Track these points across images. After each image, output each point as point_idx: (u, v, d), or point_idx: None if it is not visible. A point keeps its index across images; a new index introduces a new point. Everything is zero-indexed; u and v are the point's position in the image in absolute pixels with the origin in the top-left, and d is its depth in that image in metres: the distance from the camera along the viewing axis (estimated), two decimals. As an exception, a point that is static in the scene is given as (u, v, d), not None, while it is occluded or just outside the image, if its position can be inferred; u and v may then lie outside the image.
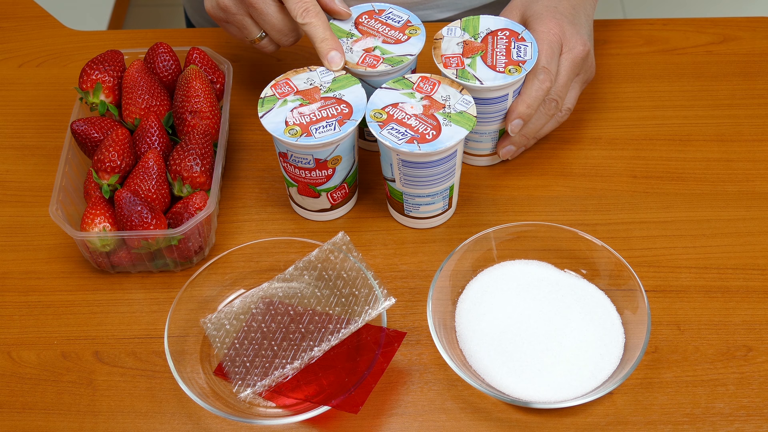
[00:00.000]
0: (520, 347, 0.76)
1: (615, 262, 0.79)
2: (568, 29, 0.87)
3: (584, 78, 0.91)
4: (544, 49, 0.85)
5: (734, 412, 0.74)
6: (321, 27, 0.84)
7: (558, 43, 0.86)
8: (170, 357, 0.75)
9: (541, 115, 0.87)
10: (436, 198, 0.84)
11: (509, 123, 0.86)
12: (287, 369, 0.75)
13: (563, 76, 0.87)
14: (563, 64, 0.87)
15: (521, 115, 0.85)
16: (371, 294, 0.77)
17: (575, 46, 0.87)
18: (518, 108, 0.85)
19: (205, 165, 0.84)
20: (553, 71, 0.85)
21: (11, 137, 0.97)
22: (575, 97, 0.90)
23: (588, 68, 0.90)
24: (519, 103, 0.85)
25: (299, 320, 0.78)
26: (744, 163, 0.91)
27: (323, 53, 0.84)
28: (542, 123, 0.88)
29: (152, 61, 0.92)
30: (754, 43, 1.02)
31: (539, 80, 0.85)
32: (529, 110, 0.85)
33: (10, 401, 0.77)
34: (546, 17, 0.87)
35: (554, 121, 0.89)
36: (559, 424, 0.74)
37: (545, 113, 0.87)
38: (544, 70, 0.85)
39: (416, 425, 0.75)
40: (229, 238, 0.87)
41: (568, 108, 0.89)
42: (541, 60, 0.85)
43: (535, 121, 0.88)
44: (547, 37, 0.86)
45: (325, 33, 0.84)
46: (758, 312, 0.80)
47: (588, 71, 0.91)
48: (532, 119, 0.87)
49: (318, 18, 0.84)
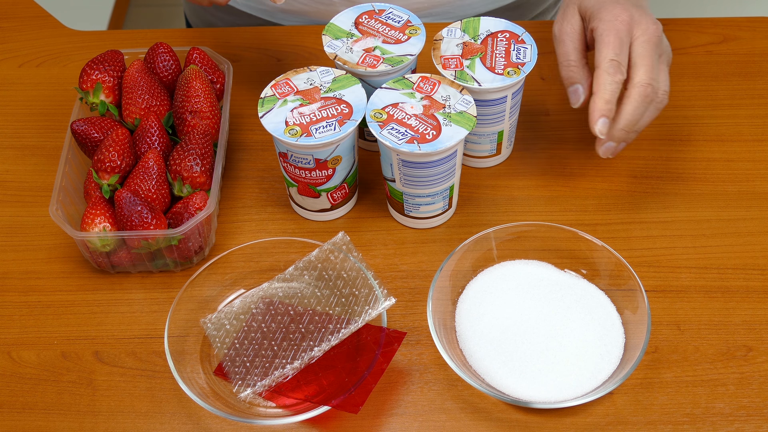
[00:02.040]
0: (520, 347, 0.76)
1: (615, 262, 0.79)
2: (635, 12, 0.82)
3: (666, 59, 0.84)
4: (611, 41, 0.80)
5: (734, 412, 0.74)
6: None
7: (627, 30, 0.81)
8: (170, 357, 0.75)
9: (638, 105, 0.81)
10: (436, 198, 0.84)
11: (594, 125, 0.80)
12: (287, 369, 0.75)
13: (648, 59, 0.81)
14: (642, 48, 0.81)
15: (603, 112, 0.80)
16: (371, 294, 0.77)
17: (648, 27, 0.82)
18: (597, 105, 0.80)
19: (205, 165, 0.84)
20: (623, 62, 0.81)
21: (11, 137, 0.97)
22: (666, 78, 0.83)
23: (666, 48, 0.85)
24: (597, 101, 0.80)
25: (299, 320, 0.78)
26: (744, 163, 0.91)
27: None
28: (641, 112, 0.81)
29: (152, 61, 0.92)
30: (754, 43, 1.02)
31: (609, 74, 0.80)
32: (609, 105, 0.80)
33: (10, 401, 0.77)
34: (608, 5, 0.82)
35: (654, 108, 0.82)
36: (559, 424, 0.74)
37: (642, 101, 0.81)
38: (612, 63, 0.80)
39: (416, 425, 0.75)
40: (229, 238, 0.87)
41: (664, 90, 0.83)
42: (609, 53, 0.80)
43: (634, 112, 0.81)
44: (615, 26, 0.81)
45: None
46: (758, 312, 0.80)
47: (667, 51, 0.85)
48: (629, 111, 0.81)
49: None
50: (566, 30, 0.85)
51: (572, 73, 0.84)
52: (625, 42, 0.81)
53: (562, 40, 0.85)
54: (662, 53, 0.84)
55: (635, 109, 0.81)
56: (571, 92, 0.84)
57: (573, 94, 0.84)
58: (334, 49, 0.86)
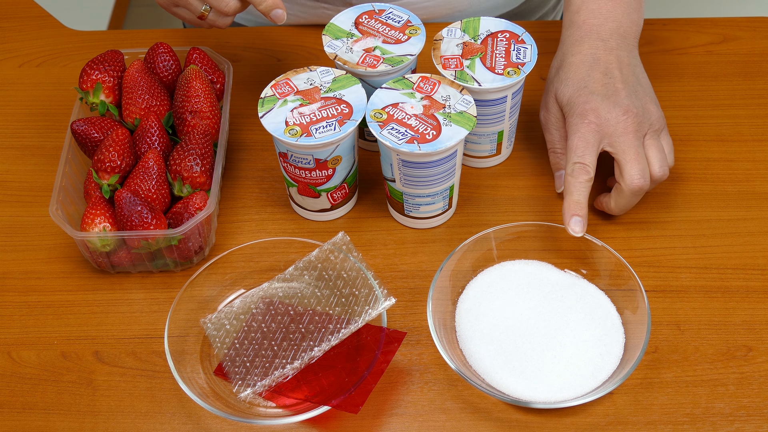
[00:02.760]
0: (520, 347, 0.76)
1: (615, 262, 0.79)
2: (603, 109, 0.81)
3: (654, 131, 0.83)
4: (574, 144, 0.81)
5: (734, 412, 0.74)
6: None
7: (594, 132, 0.81)
8: (170, 357, 0.75)
9: (630, 199, 0.83)
10: (436, 198, 0.84)
11: (567, 225, 0.80)
12: (287, 369, 0.75)
13: (629, 152, 0.81)
14: (620, 144, 0.81)
15: (573, 211, 0.80)
16: (371, 294, 0.77)
17: (618, 121, 0.81)
18: (569, 207, 0.80)
19: (205, 165, 0.84)
20: (587, 162, 0.80)
21: (11, 137, 0.97)
22: (658, 153, 0.83)
23: (650, 122, 0.83)
24: (567, 201, 0.81)
25: (299, 320, 0.78)
26: (744, 163, 0.91)
27: (265, 12, 0.85)
28: (634, 202, 0.84)
29: (152, 61, 0.92)
30: (754, 43, 1.02)
31: (574, 176, 0.80)
32: (580, 205, 0.80)
33: (10, 401, 0.77)
34: (577, 107, 0.82)
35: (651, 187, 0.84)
36: (559, 424, 0.74)
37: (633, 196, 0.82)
38: (575, 167, 0.81)
39: (416, 425, 0.75)
40: (229, 238, 0.87)
41: (660, 168, 0.82)
42: (572, 157, 0.81)
43: (626, 205, 0.84)
44: (579, 130, 0.81)
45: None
46: (758, 312, 0.80)
47: (654, 123, 0.83)
48: (622, 205, 0.84)
49: None
50: (550, 119, 0.87)
51: (557, 159, 0.88)
52: (592, 142, 0.81)
53: (548, 128, 0.88)
54: (647, 130, 0.83)
55: (631, 201, 0.84)
56: (556, 177, 0.89)
57: (557, 180, 0.89)
58: (334, 49, 0.86)
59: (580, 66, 0.84)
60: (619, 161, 0.82)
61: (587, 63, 0.84)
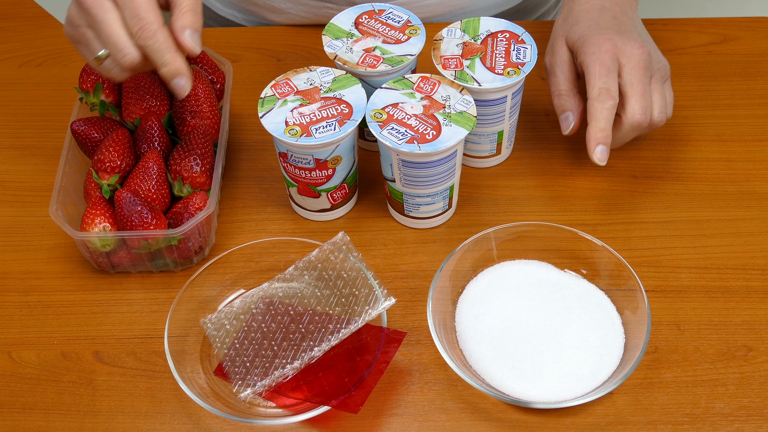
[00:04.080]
0: (520, 347, 0.76)
1: (615, 262, 0.79)
2: (618, 40, 0.84)
3: (660, 76, 0.86)
4: (597, 70, 0.82)
5: (734, 412, 0.74)
6: (160, 50, 0.75)
7: (612, 59, 0.83)
8: (170, 357, 0.75)
9: (629, 133, 0.85)
10: (436, 198, 0.84)
11: (592, 153, 0.82)
12: (287, 369, 0.75)
13: (637, 86, 0.83)
14: (630, 76, 0.83)
15: (599, 140, 0.82)
16: (371, 294, 0.77)
17: (633, 53, 0.83)
18: (593, 134, 0.82)
19: (205, 165, 0.84)
20: (611, 88, 0.82)
21: (11, 137, 0.97)
22: (661, 98, 0.85)
23: (658, 66, 0.86)
24: (592, 129, 0.82)
25: (299, 320, 0.78)
26: (744, 163, 0.91)
27: (167, 79, 0.77)
28: (632, 137, 0.86)
29: (152, 61, 0.92)
30: (754, 43, 1.02)
31: (600, 101, 0.82)
32: (605, 133, 0.82)
33: (10, 401, 0.77)
34: (592, 37, 0.84)
35: (648, 130, 0.87)
36: (559, 424, 0.74)
37: (633, 131, 0.85)
38: (601, 91, 0.82)
39: (416, 425, 0.75)
40: (229, 238, 0.87)
41: (659, 112, 0.85)
42: (597, 82, 0.82)
43: (624, 138, 0.86)
44: (599, 57, 0.83)
45: (164, 57, 0.75)
46: (758, 312, 0.80)
47: (661, 68, 0.86)
48: (620, 138, 0.85)
49: (155, 39, 0.75)
50: (556, 62, 0.87)
51: (563, 101, 0.87)
52: (612, 69, 0.83)
53: (553, 71, 0.88)
54: (654, 72, 0.85)
55: (626, 136, 0.85)
56: (562, 119, 0.87)
57: (564, 122, 0.87)
58: (334, 49, 0.86)
59: (589, 11, 0.86)
60: (625, 93, 0.83)
61: (596, 9, 0.86)
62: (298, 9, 1.05)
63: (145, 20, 0.74)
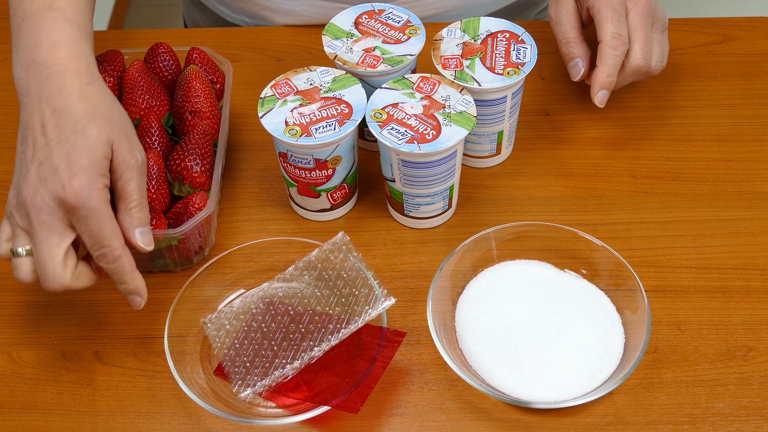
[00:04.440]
0: (520, 347, 0.76)
1: (615, 262, 0.79)
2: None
3: (660, 25, 0.89)
4: (609, 15, 0.85)
5: (734, 412, 0.74)
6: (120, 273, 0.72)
7: (621, 2, 0.86)
8: (170, 357, 0.75)
9: (629, 76, 0.88)
10: (436, 198, 0.84)
11: (594, 96, 0.87)
12: (287, 369, 0.75)
13: (641, 32, 0.86)
14: (636, 21, 0.86)
15: (604, 85, 0.86)
16: (371, 294, 0.77)
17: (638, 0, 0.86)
18: (600, 78, 0.86)
19: (205, 165, 0.84)
20: (623, 34, 0.85)
21: (11, 137, 0.97)
22: (660, 47, 0.88)
23: (658, 15, 0.89)
24: (600, 74, 0.86)
25: (299, 320, 0.78)
26: (744, 163, 0.91)
27: (124, 294, 0.74)
28: (630, 80, 0.89)
29: (152, 61, 0.92)
30: (754, 43, 1.02)
31: (612, 47, 0.85)
32: (611, 79, 0.86)
33: (10, 401, 0.77)
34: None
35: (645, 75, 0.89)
36: (559, 424, 0.74)
37: (633, 74, 0.87)
38: (614, 36, 0.85)
39: (416, 425, 0.75)
40: (229, 238, 0.87)
41: (657, 60, 0.88)
42: (610, 27, 0.85)
43: (623, 81, 0.88)
44: (610, 2, 0.85)
45: (123, 278, 0.72)
46: (758, 312, 0.80)
47: (661, 18, 0.89)
48: (620, 81, 0.88)
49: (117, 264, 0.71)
50: (561, 11, 0.90)
51: (571, 49, 0.89)
52: (622, 14, 0.86)
53: (559, 20, 0.90)
54: (656, 20, 0.88)
55: (625, 79, 0.88)
56: (571, 66, 0.89)
57: (573, 68, 0.89)
58: (334, 49, 0.86)
59: None
60: (630, 37, 0.86)
61: None
62: (302, 8, 1.04)
63: (109, 247, 0.70)
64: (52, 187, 0.69)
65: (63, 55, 0.74)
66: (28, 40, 0.75)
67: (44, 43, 0.75)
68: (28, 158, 0.72)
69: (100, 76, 0.76)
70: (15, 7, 0.78)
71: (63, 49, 0.74)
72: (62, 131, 0.71)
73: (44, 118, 0.72)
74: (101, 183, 0.70)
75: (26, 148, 0.72)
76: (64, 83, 0.73)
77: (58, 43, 0.75)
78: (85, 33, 0.77)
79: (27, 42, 0.75)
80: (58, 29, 0.75)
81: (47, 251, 0.70)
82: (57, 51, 0.74)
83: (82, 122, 0.71)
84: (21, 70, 0.75)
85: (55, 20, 0.76)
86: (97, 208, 0.69)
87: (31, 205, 0.70)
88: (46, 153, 0.71)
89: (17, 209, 0.72)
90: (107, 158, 0.71)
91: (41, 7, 0.76)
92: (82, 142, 0.70)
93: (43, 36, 0.75)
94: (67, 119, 0.71)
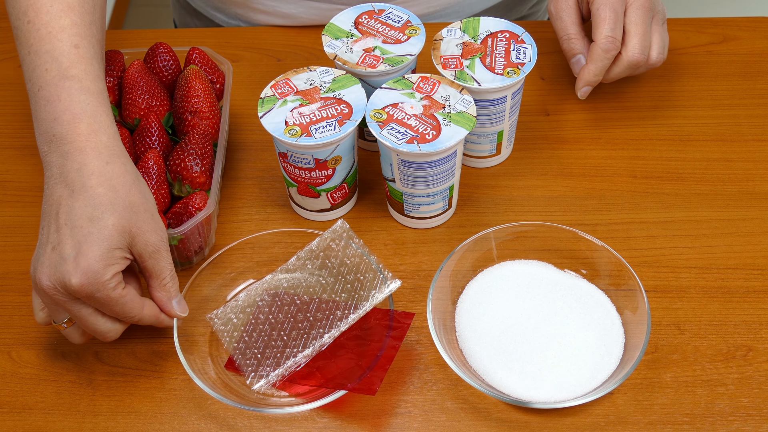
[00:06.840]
0: (520, 347, 0.76)
1: (615, 262, 0.79)
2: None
3: (660, 18, 0.90)
4: (607, 16, 0.86)
5: (734, 412, 0.74)
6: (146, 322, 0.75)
7: (621, 2, 0.86)
8: (181, 353, 0.74)
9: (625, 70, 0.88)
10: (436, 198, 0.84)
11: (578, 91, 0.90)
12: (299, 357, 0.75)
13: (640, 26, 0.87)
14: (635, 15, 0.87)
15: (590, 83, 0.89)
16: (376, 278, 0.77)
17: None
18: (586, 76, 0.88)
19: (205, 165, 0.84)
20: (617, 37, 0.86)
21: (11, 137, 0.97)
22: (660, 39, 0.89)
23: (658, 7, 0.90)
24: (587, 71, 0.88)
25: (306, 309, 0.79)
26: (744, 163, 0.91)
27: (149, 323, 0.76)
28: (626, 75, 0.90)
29: (152, 61, 0.92)
30: (754, 43, 1.03)
31: (604, 50, 0.86)
32: (597, 78, 0.88)
33: (10, 401, 0.77)
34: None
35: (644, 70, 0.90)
36: (559, 424, 0.74)
37: (629, 68, 0.88)
38: (608, 39, 0.86)
39: (416, 425, 0.75)
40: (229, 238, 0.87)
41: (658, 53, 0.89)
42: (605, 29, 0.86)
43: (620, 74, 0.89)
44: (610, 1, 0.86)
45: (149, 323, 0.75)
46: (758, 312, 0.80)
47: (661, 11, 0.90)
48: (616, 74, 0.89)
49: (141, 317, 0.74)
50: (562, 7, 0.90)
51: (573, 45, 0.90)
52: (620, 13, 0.86)
53: (559, 16, 0.91)
54: (656, 13, 0.89)
55: (622, 72, 0.89)
56: (573, 63, 0.91)
57: (576, 65, 0.91)
58: (334, 49, 0.86)
59: None
60: (628, 32, 0.87)
61: None
62: (304, 12, 1.04)
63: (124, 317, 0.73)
64: (59, 276, 0.69)
65: (83, 130, 0.73)
66: (47, 113, 0.73)
67: (63, 117, 0.73)
68: (44, 238, 0.72)
69: (122, 150, 0.74)
70: (29, 73, 0.76)
71: (83, 124, 0.73)
72: (78, 217, 0.70)
73: (61, 198, 0.71)
74: (109, 273, 0.70)
75: (44, 226, 0.72)
76: (84, 162, 0.71)
77: (77, 117, 0.73)
78: (102, 101, 0.75)
79: (45, 115, 0.74)
80: (75, 101, 0.73)
81: (85, 320, 0.72)
82: (76, 126, 0.73)
83: (99, 209, 0.70)
84: (43, 142, 0.74)
85: (71, 91, 0.74)
86: (103, 298, 0.70)
87: (46, 289, 0.71)
88: (58, 238, 0.70)
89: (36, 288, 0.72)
90: (121, 248, 0.71)
91: (56, 76, 0.74)
92: (96, 232, 0.70)
93: (61, 109, 0.73)
94: (85, 204, 0.70)
